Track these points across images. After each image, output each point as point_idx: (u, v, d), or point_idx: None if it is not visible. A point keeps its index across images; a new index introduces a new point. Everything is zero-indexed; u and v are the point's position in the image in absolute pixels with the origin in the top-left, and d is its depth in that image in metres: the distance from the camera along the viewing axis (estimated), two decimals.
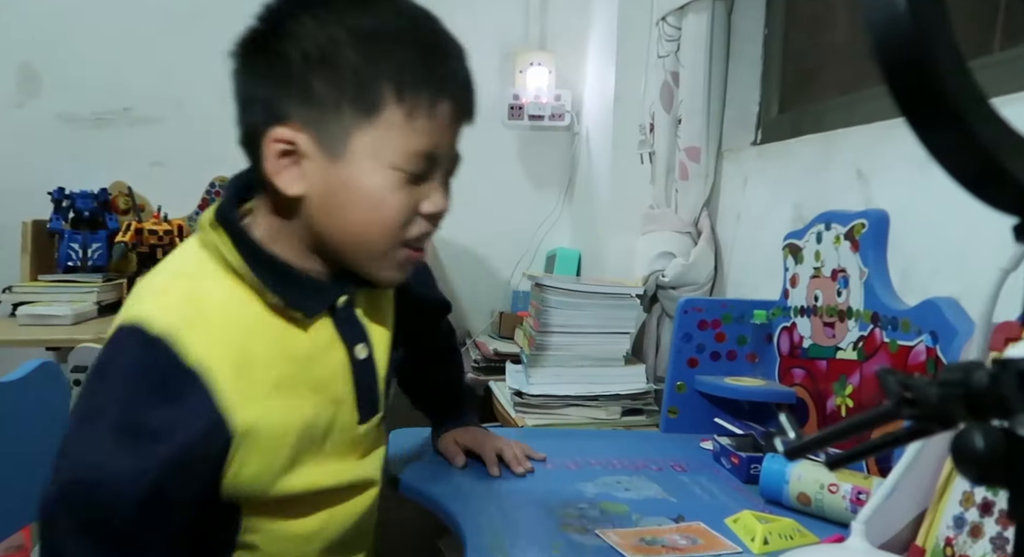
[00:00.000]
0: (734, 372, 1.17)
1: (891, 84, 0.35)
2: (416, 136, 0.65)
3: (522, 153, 2.18)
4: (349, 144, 0.64)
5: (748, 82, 1.50)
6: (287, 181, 0.65)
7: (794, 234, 1.11)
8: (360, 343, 0.73)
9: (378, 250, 0.68)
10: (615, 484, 0.92)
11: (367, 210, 0.66)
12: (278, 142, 0.64)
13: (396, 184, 0.65)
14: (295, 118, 0.64)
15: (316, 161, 0.65)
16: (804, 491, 0.84)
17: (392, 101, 0.64)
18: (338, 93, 0.63)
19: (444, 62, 0.67)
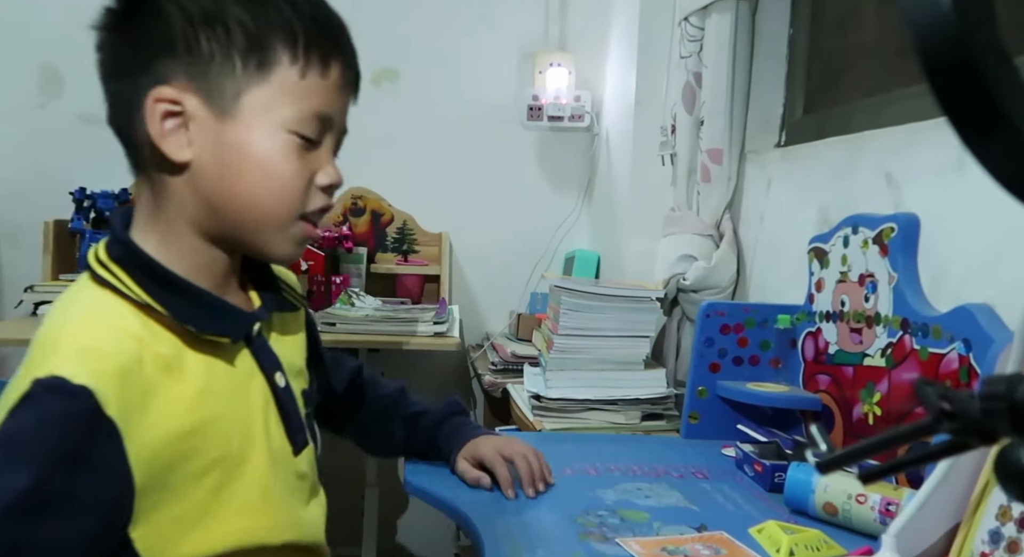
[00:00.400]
0: (757, 378, 1.15)
1: (933, 83, 0.34)
2: (309, 97, 0.62)
3: (541, 154, 2.17)
4: (240, 103, 0.61)
5: (772, 83, 1.47)
6: (174, 146, 0.60)
7: (820, 238, 1.08)
8: (277, 371, 0.69)
9: (274, 221, 0.64)
10: (635, 491, 0.91)
11: (261, 177, 0.62)
12: (161, 101, 0.60)
13: (290, 149, 0.62)
14: (179, 78, 0.60)
15: (204, 123, 0.61)
16: (831, 501, 0.82)
17: (286, 58, 0.61)
18: (227, 49, 0.60)
19: (334, 26, 0.65)
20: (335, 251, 2.00)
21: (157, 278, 0.62)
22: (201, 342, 0.62)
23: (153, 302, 0.60)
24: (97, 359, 0.56)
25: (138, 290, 0.60)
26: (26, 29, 2.01)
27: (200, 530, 0.61)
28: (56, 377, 0.54)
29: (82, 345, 0.57)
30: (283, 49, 0.61)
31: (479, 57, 2.12)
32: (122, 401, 0.55)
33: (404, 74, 2.10)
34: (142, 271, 0.61)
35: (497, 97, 2.12)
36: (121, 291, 0.60)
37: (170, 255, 0.63)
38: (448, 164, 2.13)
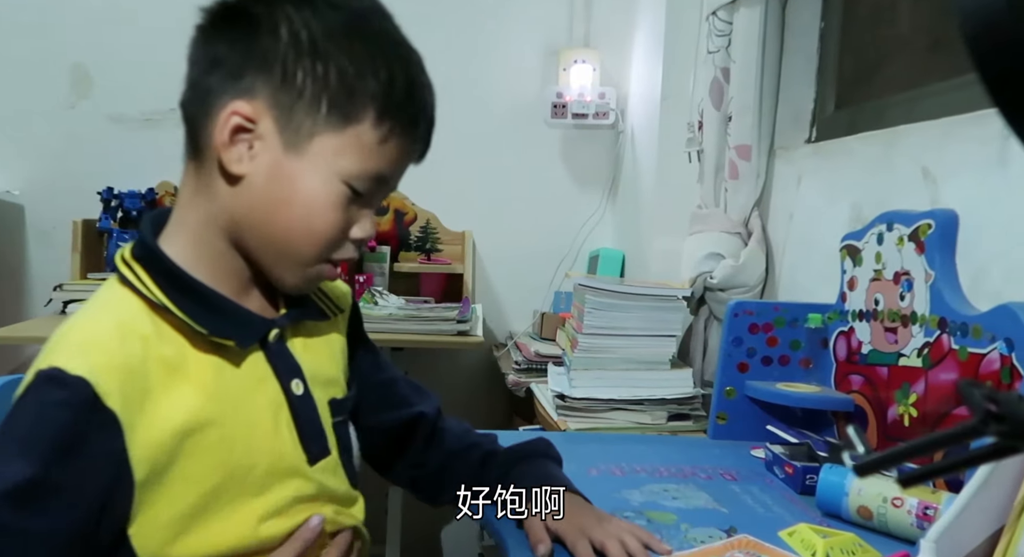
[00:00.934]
0: (786, 378, 1.13)
1: (982, 70, 0.32)
2: (378, 158, 0.63)
3: (565, 152, 2.15)
4: (312, 142, 0.61)
5: (802, 78, 1.44)
6: (234, 157, 0.61)
7: (853, 235, 1.06)
8: (295, 378, 0.68)
9: (297, 259, 0.65)
10: (662, 492, 0.89)
11: (303, 216, 0.62)
12: (237, 115, 0.60)
13: (339, 198, 0.63)
14: (262, 98, 0.61)
15: (270, 146, 0.61)
16: (865, 504, 0.79)
17: (370, 119, 0.62)
18: (319, 90, 0.61)
19: (425, 97, 0.66)
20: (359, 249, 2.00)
21: (174, 279, 0.62)
22: (210, 345, 0.63)
23: (168, 302, 0.61)
24: (99, 353, 0.57)
25: (155, 289, 0.61)
26: (56, 30, 2.04)
27: (196, 531, 0.60)
28: (55, 368, 0.55)
29: (86, 339, 0.58)
30: (371, 109, 0.62)
31: (503, 54, 2.11)
32: (123, 395, 0.56)
33: (429, 71, 2.10)
34: (160, 272, 0.62)
35: (521, 94, 2.11)
36: (139, 290, 0.62)
37: (197, 253, 0.64)
38: (471, 162, 2.12)
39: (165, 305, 0.61)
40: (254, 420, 0.64)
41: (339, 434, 0.72)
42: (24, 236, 2.07)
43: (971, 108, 0.92)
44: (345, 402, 0.74)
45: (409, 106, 0.64)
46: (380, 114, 0.62)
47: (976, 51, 0.32)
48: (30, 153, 2.04)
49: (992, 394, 0.39)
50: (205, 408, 0.61)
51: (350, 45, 0.61)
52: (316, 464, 0.68)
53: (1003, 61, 0.31)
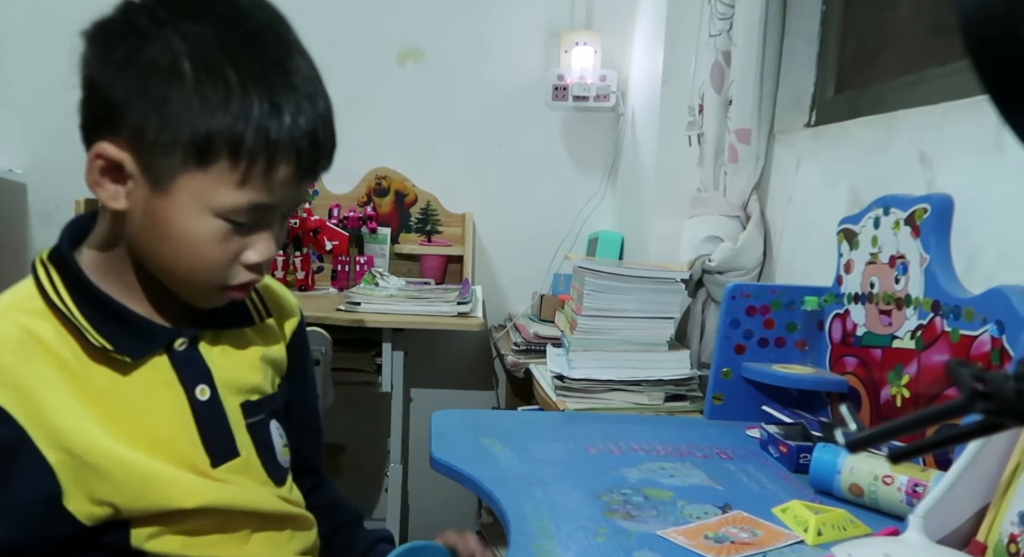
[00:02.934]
0: (782, 359, 1.15)
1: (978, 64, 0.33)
2: (249, 192, 0.61)
3: (566, 134, 2.16)
4: (175, 182, 0.60)
5: (803, 62, 1.45)
6: (109, 196, 0.61)
7: (850, 219, 1.07)
8: (201, 384, 0.68)
9: (192, 287, 0.65)
10: (659, 470, 0.91)
11: (184, 252, 0.62)
12: (101, 158, 0.60)
13: (217, 233, 0.61)
14: (126, 135, 0.59)
15: (140, 186, 0.61)
16: (857, 482, 0.81)
17: (226, 159, 0.59)
18: (172, 131, 0.58)
19: (294, 116, 0.60)
20: (359, 231, 2.01)
21: (81, 288, 0.63)
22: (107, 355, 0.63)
23: (74, 311, 0.62)
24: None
25: (65, 296, 0.63)
26: (58, 9, 2.03)
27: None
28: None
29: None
30: (224, 151, 0.59)
31: (504, 36, 2.10)
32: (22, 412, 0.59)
33: (429, 54, 2.10)
34: (70, 278, 0.63)
35: (522, 77, 2.11)
36: (47, 294, 0.63)
37: (109, 264, 0.66)
38: (472, 145, 2.13)
39: (71, 314, 0.62)
40: (152, 425, 0.65)
41: (255, 434, 0.71)
42: (27, 215, 2.08)
43: (969, 93, 0.93)
44: (262, 403, 0.73)
45: (270, 135, 0.59)
46: (233, 155, 0.59)
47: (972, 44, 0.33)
48: (33, 132, 2.04)
49: (980, 373, 0.41)
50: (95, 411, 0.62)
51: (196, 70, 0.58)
52: (221, 466, 0.68)
53: (998, 55, 0.32)
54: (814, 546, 0.71)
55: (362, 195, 2.10)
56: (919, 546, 0.62)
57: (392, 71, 2.06)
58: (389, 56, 2.04)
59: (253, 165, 0.60)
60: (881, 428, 0.45)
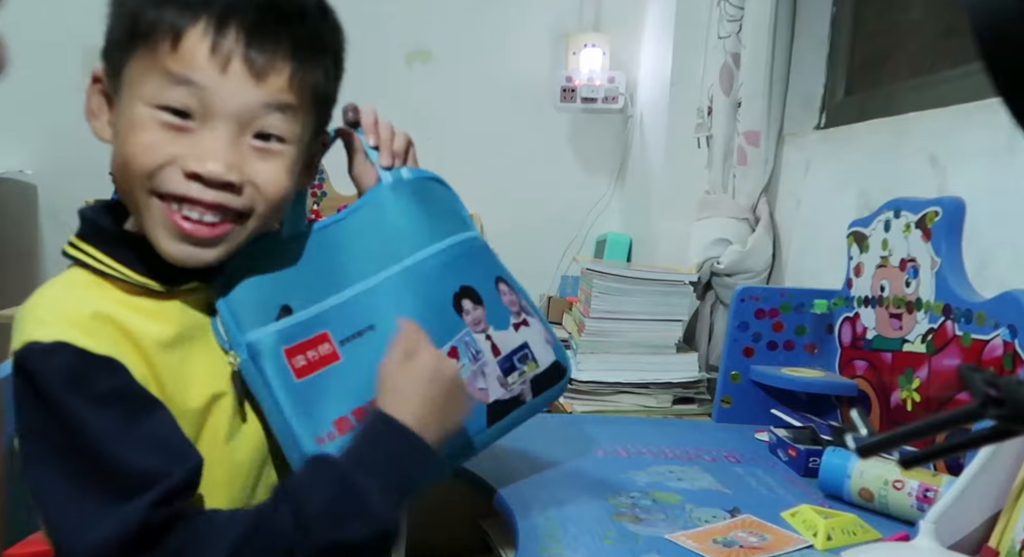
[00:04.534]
0: (791, 363, 1.14)
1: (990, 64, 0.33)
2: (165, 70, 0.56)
3: (574, 136, 2.15)
4: (122, 79, 0.59)
5: (813, 64, 1.44)
6: (100, 125, 0.61)
7: (860, 222, 1.07)
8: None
9: (129, 196, 0.60)
10: (667, 473, 0.91)
11: (118, 150, 0.59)
12: (94, 81, 0.60)
13: (148, 122, 0.57)
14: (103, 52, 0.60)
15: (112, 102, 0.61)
16: (867, 487, 0.81)
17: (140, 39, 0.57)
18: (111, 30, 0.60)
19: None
20: None
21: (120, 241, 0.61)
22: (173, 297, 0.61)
23: (121, 267, 0.59)
24: (64, 318, 0.56)
25: (105, 259, 0.60)
26: (67, 11, 2.04)
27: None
28: (29, 343, 0.55)
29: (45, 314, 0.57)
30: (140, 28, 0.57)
31: (513, 38, 2.10)
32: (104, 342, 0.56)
33: (436, 55, 2.10)
34: (107, 240, 0.60)
35: (530, 78, 2.11)
36: (84, 263, 0.60)
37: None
38: (480, 146, 2.13)
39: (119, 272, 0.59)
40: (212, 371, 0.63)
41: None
42: (37, 216, 2.09)
43: (981, 96, 0.93)
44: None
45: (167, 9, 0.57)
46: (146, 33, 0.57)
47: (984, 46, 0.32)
48: (43, 133, 2.05)
49: (992, 378, 0.40)
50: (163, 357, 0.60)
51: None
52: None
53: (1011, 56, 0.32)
54: (823, 551, 0.71)
55: None
56: (930, 552, 0.61)
57: (400, 72, 2.06)
58: (397, 57, 2.04)
59: (155, 33, 0.56)
60: (892, 433, 0.45)
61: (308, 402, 0.62)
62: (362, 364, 0.64)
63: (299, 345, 0.63)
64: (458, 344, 0.70)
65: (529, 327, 0.75)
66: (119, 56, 0.58)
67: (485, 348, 0.72)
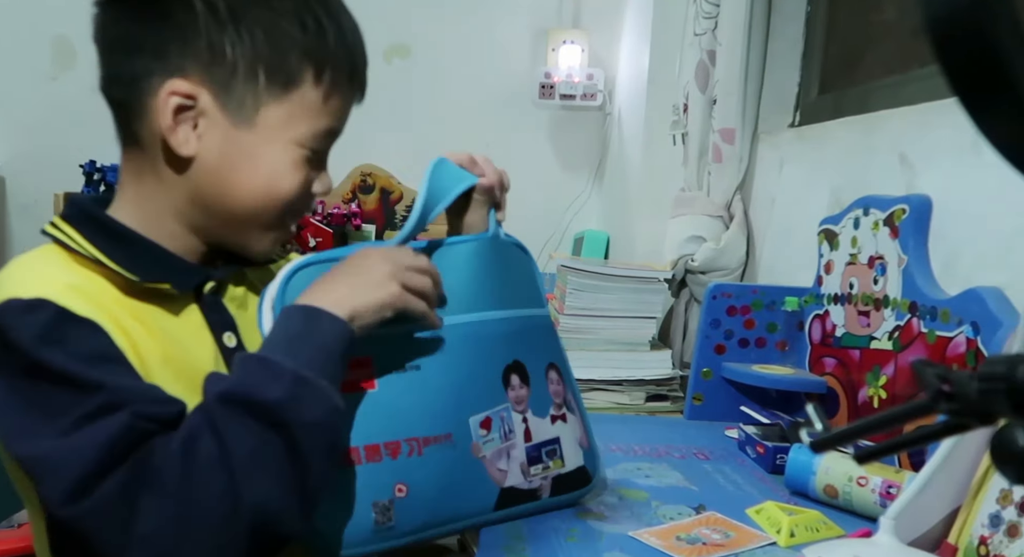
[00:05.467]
0: (763, 360, 1.14)
1: (943, 62, 0.32)
2: (327, 116, 0.64)
3: (552, 133, 2.15)
4: (259, 115, 0.61)
5: (788, 62, 1.45)
6: (181, 140, 0.60)
7: (830, 219, 1.07)
8: (228, 331, 0.67)
9: (265, 222, 0.65)
10: (635, 471, 0.91)
11: (265, 183, 0.63)
12: (176, 95, 0.59)
13: (299, 161, 0.64)
14: (196, 73, 0.59)
15: (216, 122, 0.60)
16: (831, 483, 0.81)
17: (310, 79, 0.62)
18: (253, 60, 0.60)
19: (356, 41, 0.65)
20: (344, 228, 2.00)
21: (105, 231, 0.61)
22: (144, 295, 0.61)
23: (98, 253, 0.59)
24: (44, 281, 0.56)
25: (84, 243, 0.60)
26: (35, 2, 2.01)
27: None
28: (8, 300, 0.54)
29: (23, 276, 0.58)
30: (309, 70, 0.62)
31: (492, 34, 2.10)
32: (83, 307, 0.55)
33: (415, 50, 2.09)
34: (91, 226, 0.61)
35: (509, 75, 2.10)
36: (67, 245, 0.60)
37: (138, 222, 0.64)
38: (458, 142, 2.09)
39: (95, 256, 0.59)
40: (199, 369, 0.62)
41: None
42: (5, 209, 2.06)
43: (948, 94, 0.93)
44: None
45: (344, 55, 0.63)
46: (318, 72, 0.62)
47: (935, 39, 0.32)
48: (11, 126, 2.02)
49: (944, 373, 0.40)
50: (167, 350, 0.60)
51: (269, 4, 0.60)
52: None
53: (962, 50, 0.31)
54: (786, 548, 0.71)
55: (347, 192, 2.09)
56: (890, 548, 0.61)
57: (378, 67, 2.03)
58: (375, 52, 2.00)
59: (335, 85, 0.63)
60: (845, 428, 0.45)
61: None
62: (393, 401, 0.62)
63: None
64: (494, 416, 0.68)
65: (566, 423, 0.74)
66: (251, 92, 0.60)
67: (519, 430, 0.70)
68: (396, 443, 0.62)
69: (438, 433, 0.65)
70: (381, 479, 0.62)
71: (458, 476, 0.66)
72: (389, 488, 0.63)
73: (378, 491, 0.62)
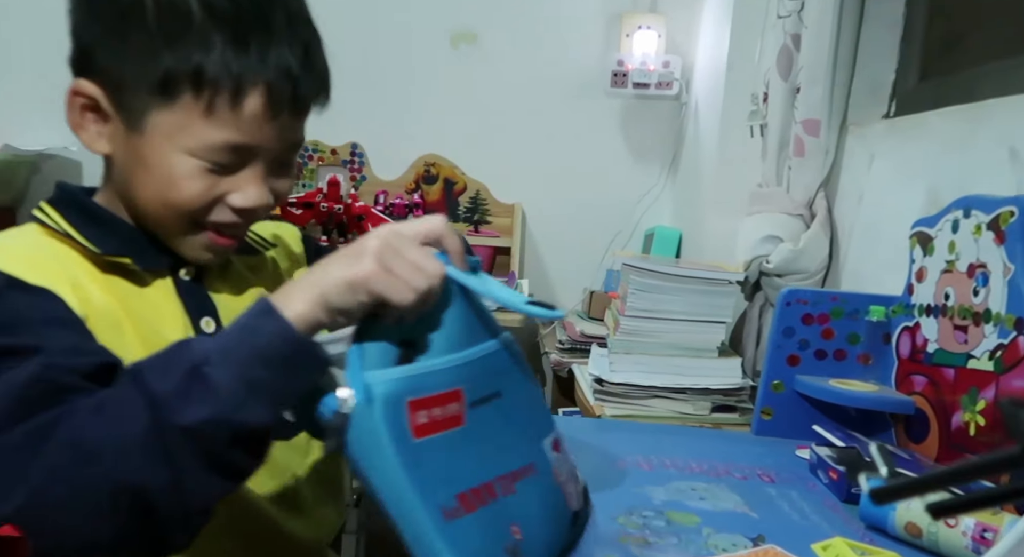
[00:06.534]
0: (841, 374, 1.04)
1: None
2: (219, 130, 0.59)
3: (624, 123, 2.06)
4: (146, 121, 0.59)
5: (884, 46, 1.32)
6: (90, 137, 0.61)
7: (925, 221, 0.95)
8: (206, 316, 0.66)
9: (171, 230, 0.63)
10: (689, 491, 0.83)
11: (158, 189, 0.61)
12: (79, 95, 0.60)
13: (194, 172, 0.60)
14: (101, 74, 0.59)
15: (118, 126, 0.60)
16: (914, 521, 0.71)
17: (189, 90, 0.57)
18: (134, 64, 0.58)
19: (263, 50, 0.58)
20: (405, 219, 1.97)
21: (84, 212, 0.63)
22: (111, 270, 0.62)
23: (71, 229, 0.61)
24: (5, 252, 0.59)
25: (60, 220, 0.62)
26: None
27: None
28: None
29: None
30: (186, 81, 0.57)
31: (563, 19, 2.02)
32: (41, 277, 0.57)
33: (483, 36, 2.03)
34: (70, 208, 0.63)
35: (579, 61, 2.02)
36: (43, 222, 0.62)
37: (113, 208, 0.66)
38: (525, 132, 2.06)
39: (67, 232, 0.61)
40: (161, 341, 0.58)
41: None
42: None
43: None
44: None
45: (232, 62, 0.57)
46: (196, 84, 0.57)
47: None
48: None
49: None
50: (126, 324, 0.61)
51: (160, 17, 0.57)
52: None
53: None
54: None
55: (410, 182, 2.06)
56: None
57: (444, 54, 2.00)
58: (442, 39, 1.99)
59: (216, 98, 0.58)
60: (914, 479, 0.36)
61: (421, 468, 0.51)
62: (482, 435, 0.55)
63: (428, 399, 0.52)
64: (559, 436, 0.64)
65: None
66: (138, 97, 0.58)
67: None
68: (488, 484, 0.55)
69: (523, 465, 0.58)
70: (496, 524, 0.54)
71: (551, 507, 0.60)
72: (507, 531, 0.55)
73: (500, 536, 0.54)
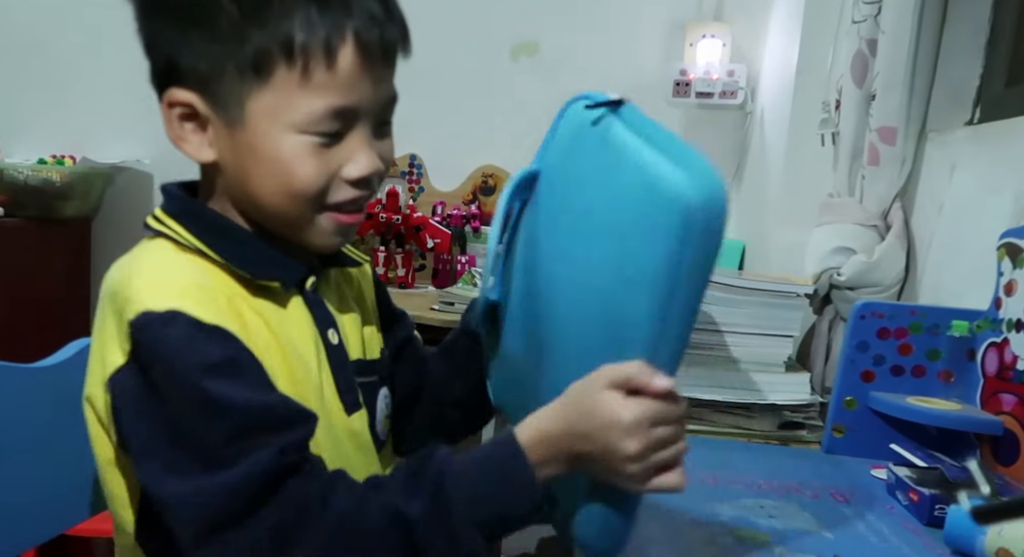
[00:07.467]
0: (920, 391, 0.98)
1: None
2: (319, 97, 0.57)
3: (686, 134, 2.02)
4: (246, 109, 0.58)
5: (968, 50, 1.26)
6: (195, 148, 0.60)
7: (1014, 231, 0.90)
8: (331, 328, 0.67)
9: (295, 219, 0.62)
10: (758, 508, 0.79)
11: (275, 178, 0.59)
12: (175, 105, 0.59)
13: (305, 150, 0.58)
14: (190, 78, 0.58)
15: (219, 128, 0.59)
16: (1007, 547, 0.66)
17: (282, 63, 0.56)
18: (221, 53, 0.57)
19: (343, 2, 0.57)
20: (462, 230, 1.97)
21: (212, 226, 0.62)
22: (254, 289, 0.62)
23: (206, 248, 0.61)
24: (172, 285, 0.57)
25: (191, 238, 0.61)
26: None
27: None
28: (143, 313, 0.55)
29: (153, 280, 0.58)
30: (277, 52, 0.56)
31: (625, 28, 2.01)
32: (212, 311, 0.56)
33: (544, 47, 2.03)
34: (196, 222, 0.62)
35: (640, 71, 2.00)
36: (176, 240, 0.61)
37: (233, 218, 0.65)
38: None
39: (203, 251, 0.60)
40: (306, 363, 0.63)
41: (364, 394, 0.70)
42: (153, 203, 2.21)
43: None
44: (374, 365, 0.72)
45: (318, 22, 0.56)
46: (287, 54, 0.56)
47: None
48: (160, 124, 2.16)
49: None
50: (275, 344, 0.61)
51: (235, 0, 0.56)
52: (352, 414, 0.67)
53: None
54: None
55: (467, 193, 2.06)
56: None
57: (505, 66, 2.01)
58: (502, 50, 1.99)
59: (310, 62, 0.56)
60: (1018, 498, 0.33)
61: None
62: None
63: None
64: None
65: None
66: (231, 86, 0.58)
67: None
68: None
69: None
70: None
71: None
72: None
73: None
